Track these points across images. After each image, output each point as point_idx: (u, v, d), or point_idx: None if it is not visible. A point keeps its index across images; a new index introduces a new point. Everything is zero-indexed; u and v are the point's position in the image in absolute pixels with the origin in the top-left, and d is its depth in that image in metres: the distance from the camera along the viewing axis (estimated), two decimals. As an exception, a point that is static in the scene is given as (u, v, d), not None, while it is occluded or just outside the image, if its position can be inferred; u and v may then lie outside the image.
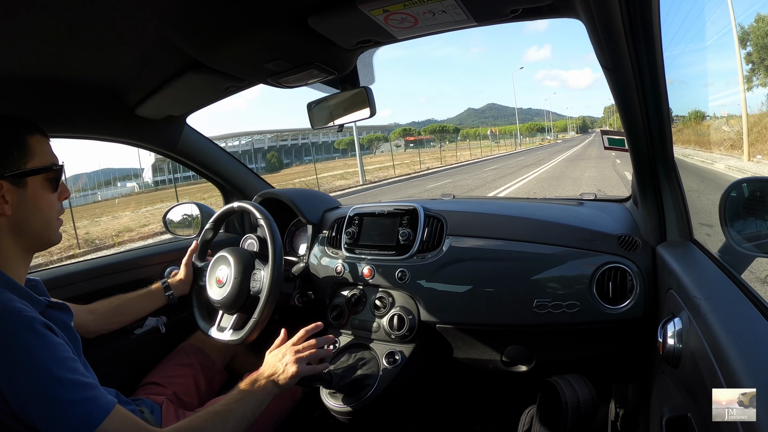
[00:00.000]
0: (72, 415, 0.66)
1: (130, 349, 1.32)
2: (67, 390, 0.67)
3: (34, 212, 0.78)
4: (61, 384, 0.67)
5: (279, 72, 1.03)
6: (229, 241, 1.66)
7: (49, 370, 0.67)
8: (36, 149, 0.78)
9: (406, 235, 1.22)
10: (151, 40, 0.91)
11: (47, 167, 0.79)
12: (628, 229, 1.10)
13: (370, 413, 1.11)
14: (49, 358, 0.68)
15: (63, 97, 1.13)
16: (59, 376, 0.67)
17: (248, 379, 0.94)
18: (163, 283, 1.29)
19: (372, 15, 0.79)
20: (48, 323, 0.71)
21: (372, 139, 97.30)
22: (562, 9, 0.78)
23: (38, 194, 0.78)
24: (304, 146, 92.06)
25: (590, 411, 0.91)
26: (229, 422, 0.83)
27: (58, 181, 0.82)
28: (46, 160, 0.80)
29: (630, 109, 0.84)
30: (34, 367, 0.66)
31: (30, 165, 0.77)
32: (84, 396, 0.68)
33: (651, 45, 0.72)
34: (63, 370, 0.68)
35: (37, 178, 0.78)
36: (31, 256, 0.82)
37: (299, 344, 1.01)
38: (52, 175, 0.81)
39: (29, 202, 0.77)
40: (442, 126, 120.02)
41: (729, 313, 0.61)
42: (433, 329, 1.19)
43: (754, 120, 11.54)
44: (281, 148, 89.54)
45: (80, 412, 0.67)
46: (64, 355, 0.70)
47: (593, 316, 1.02)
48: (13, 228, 0.76)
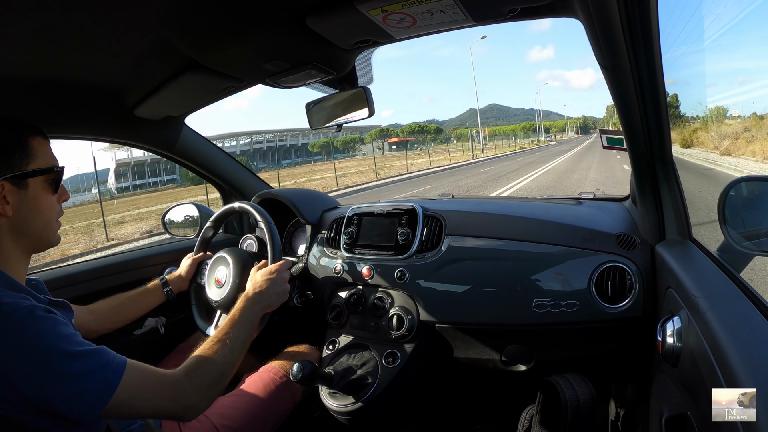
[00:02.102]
0: (90, 385, 0.68)
1: (129, 350, 1.31)
2: (80, 362, 0.69)
3: (34, 213, 0.79)
4: (74, 358, 0.68)
5: (277, 72, 1.03)
6: (228, 241, 1.66)
7: (59, 347, 0.68)
8: (37, 151, 0.79)
9: (405, 235, 1.22)
10: (149, 41, 0.91)
11: (48, 169, 0.80)
12: (627, 229, 1.10)
13: (370, 413, 1.11)
14: (56, 337, 0.69)
15: (61, 97, 1.13)
16: (70, 350, 0.69)
17: (240, 300, 1.02)
18: (161, 279, 1.30)
19: (370, 15, 0.79)
20: (48, 308, 0.72)
21: (348, 141, 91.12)
22: (560, 8, 0.78)
23: (39, 195, 0.79)
24: (282, 148, 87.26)
25: (590, 410, 0.91)
26: (232, 346, 0.90)
27: (58, 183, 0.83)
28: (47, 162, 0.80)
29: (628, 109, 0.84)
30: (44, 349, 0.67)
31: (31, 166, 0.77)
32: (96, 363, 0.70)
33: (649, 44, 0.72)
34: (71, 344, 0.70)
35: (38, 180, 0.79)
36: (30, 256, 0.83)
37: (286, 268, 1.12)
38: (53, 177, 0.81)
39: (30, 203, 0.78)
40: (422, 126, 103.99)
41: (728, 312, 0.61)
42: (433, 329, 1.19)
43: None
44: (256, 151, 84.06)
45: (97, 379, 0.69)
46: (69, 332, 0.71)
47: (592, 315, 1.02)
48: (14, 228, 0.77)
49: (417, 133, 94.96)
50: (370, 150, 78.27)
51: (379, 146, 74.99)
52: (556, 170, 16.29)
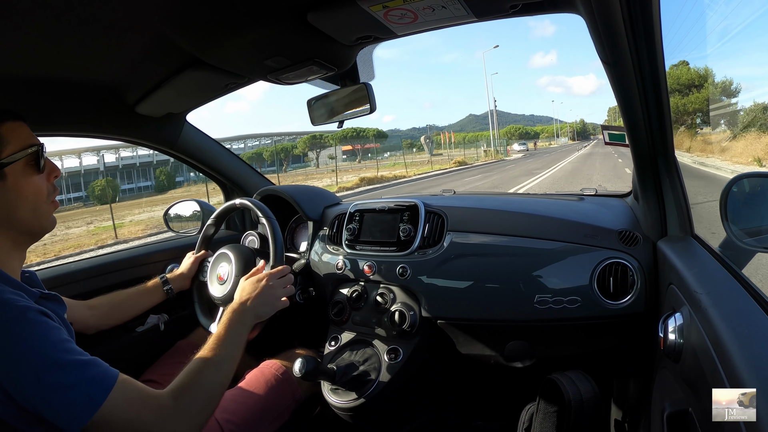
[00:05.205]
0: (74, 397, 0.66)
1: (129, 346, 1.33)
2: (66, 373, 0.66)
3: (18, 202, 0.75)
4: (60, 367, 0.66)
5: (279, 69, 1.03)
6: (230, 237, 1.66)
7: (47, 354, 0.66)
8: (8, 137, 0.74)
9: (406, 231, 1.22)
10: (151, 37, 0.91)
11: (22, 151, 0.75)
12: (628, 225, 1.10)
13: (372, 409, 1.12)
14: (46, 342, 0.67)
15: (63, 95, 1.13)
16: (57, 359, 0.66)
17: (227, 314, 0.96)
18: (161, 278, 1.30)
19: (372, 11, 0.79)
20: (43, 309, 0.70)
21: (279, 150, 64.96)
22: (561, 4, 0.78)
23: (20, 182, 0.75)
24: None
25: (594, 408, 0.91)
26: (221, 366, 0.85)
27: (39, 162, 0.78)
28: (22, 144, 0.75)
29: (630, 104, 0.83)
30: (32, 354, 0.65)
31: (5, 153, 0.73)
32: (84, 376, 0.67)
33: (651, 39, 0.72)
34: (61, 352, 0.67)
35: (16, 166, 0.74)
36: (26, 247, 0.80)
37: (277, 276, 1.07)
38: (31, 158, 0.76)
39: (11, 192, 0.74)
40: (359, 131, 73.23)
41: (730, 308, 0.61)
42: (435, 325, 1.19)
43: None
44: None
45: (82, 393, 0.66)
46: (60, 338, 0.69)
47: (594, 311, 1.02)
48: (0, 222, 0.74)
49: (351, 138, 69.93)
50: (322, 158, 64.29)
51: (331, 155, 57.40)
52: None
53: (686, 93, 28.32)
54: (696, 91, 27.87)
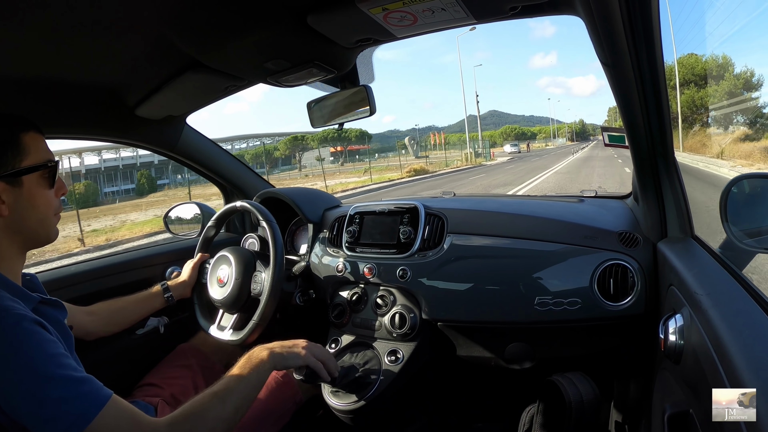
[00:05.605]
0: (63, 413, 0.64)
1: (129, 349, 1.32)
2: (57, 387, 0.65)
3: (30, 211, 0.77)
4: (51, 381, 0.65)
5: (278, 71, 1.03)
6: (230, 240, 1.66)
7: (39, 367, 0.65)
8: (31, 147, 0.77)
9: (407, 234, 1.22)
10: (150, 40, 0.91)
11: (42, 165, 0.78)
12: (628, 226, 1.10)
13: (373, 411, 1.12)
14: (39, 355, 0.66)
15: (62, 97, 1.13)
16: (49, 372, 0.65)
17: (247, 354, 0.91)
18: (162, 285, 1.29)
19: (371, 13, 0.79)
20: (39, 320, 0.70)
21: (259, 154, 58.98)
22: (561, 5, 0.78)
23: (34, 192, 0.77)
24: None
25: (594, 409, 0.91)
26: (228, 402, 0.80)
27: (54, 178, 0.81)
28: (42, 157, 0.78)
29: (630, 106, 0.84)
30: (23, 365, 0.64)
31: (25, 163, 0.76)
32: (76, 392, 0.66)
33: (650, 41, 0.72)
34: (53, 366, 0.66)
35: (33, 176, 0.77)
36: (26, 253, 0.81)
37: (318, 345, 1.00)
38: (48, 172, 0.79)
39: (25, 200, 0.76)
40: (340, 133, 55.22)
41: (730, 309, 0.61)
42: (435, 327, 1.19)
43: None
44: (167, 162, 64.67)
45: (72, 409, 0.65)
46: (54, 351, 0.68)
47: (595, 313, 1.02)
48: (10, 227, 0.75)
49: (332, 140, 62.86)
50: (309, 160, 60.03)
51: (318, 158, 53.26)
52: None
53: (702, 85, 24.99)
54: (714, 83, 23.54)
